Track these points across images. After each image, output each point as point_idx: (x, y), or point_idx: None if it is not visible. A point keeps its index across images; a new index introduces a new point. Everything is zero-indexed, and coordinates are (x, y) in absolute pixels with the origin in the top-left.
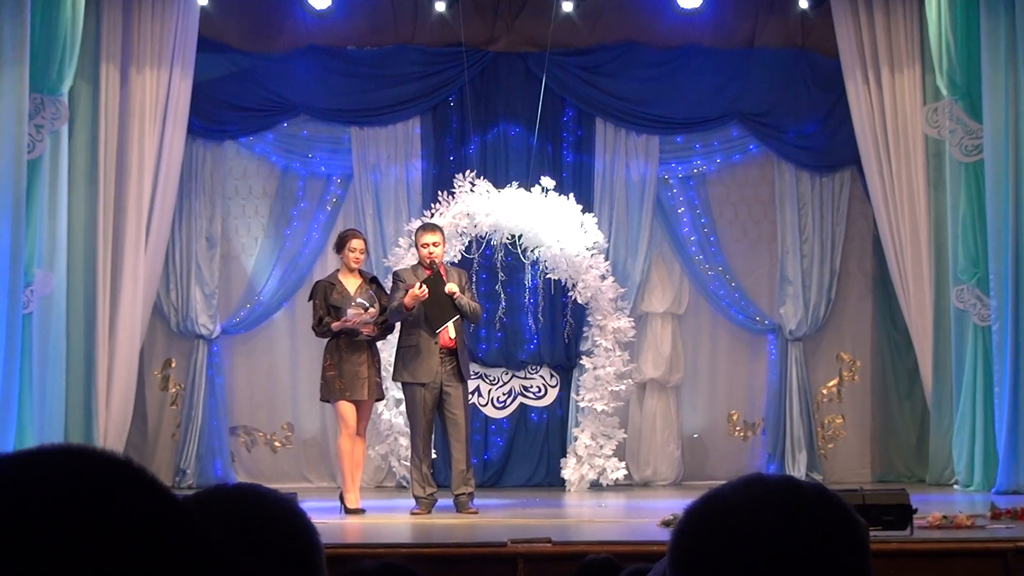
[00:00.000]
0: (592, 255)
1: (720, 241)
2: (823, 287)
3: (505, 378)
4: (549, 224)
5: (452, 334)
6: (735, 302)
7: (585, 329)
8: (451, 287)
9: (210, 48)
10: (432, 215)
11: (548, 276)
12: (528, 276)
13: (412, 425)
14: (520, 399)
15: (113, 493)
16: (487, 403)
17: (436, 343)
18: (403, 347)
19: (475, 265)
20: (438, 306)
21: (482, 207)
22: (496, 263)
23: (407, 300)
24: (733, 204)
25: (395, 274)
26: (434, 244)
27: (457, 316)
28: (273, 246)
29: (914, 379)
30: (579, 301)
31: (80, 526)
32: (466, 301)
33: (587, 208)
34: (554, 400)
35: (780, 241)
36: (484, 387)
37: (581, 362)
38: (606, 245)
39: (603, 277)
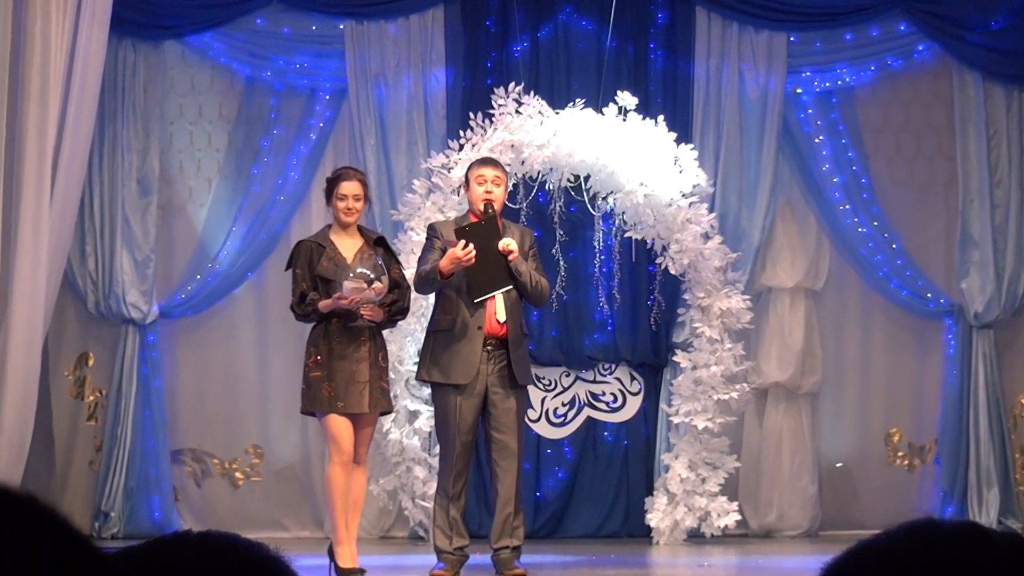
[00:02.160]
0: (691, 204)
1: (875, 184)
2: None
3: (566, 382)
4: (629, 160)
5: (502, 316)
6: (896, 272)
7: (681, 312)
8: (507, 242)
9: None
10: (461, 146)
11: (627, 235)
12: (599, 235)
13: (441, 447)
14: (587, 412)
15: (10, 541)
16: (540, 418)
17: (480, 327)
18: (434, 331)
19: (522, 218)
20: (484, 267)
21: (533, 135)
22: (553, 216)
23: (443, 263)
24: (894, 131)
25: (431, 227)
26: (495, 180)
27: (510, 287)
28: (234, 192)
29: None
30: (672, 271)
31: None
32: (526, 268)
33: (684, 137)
34: (636, 414)
35: (962, 185)
36: (536, 395)
37: (675, 359)
38: (711, 190)
39: (707, 236)
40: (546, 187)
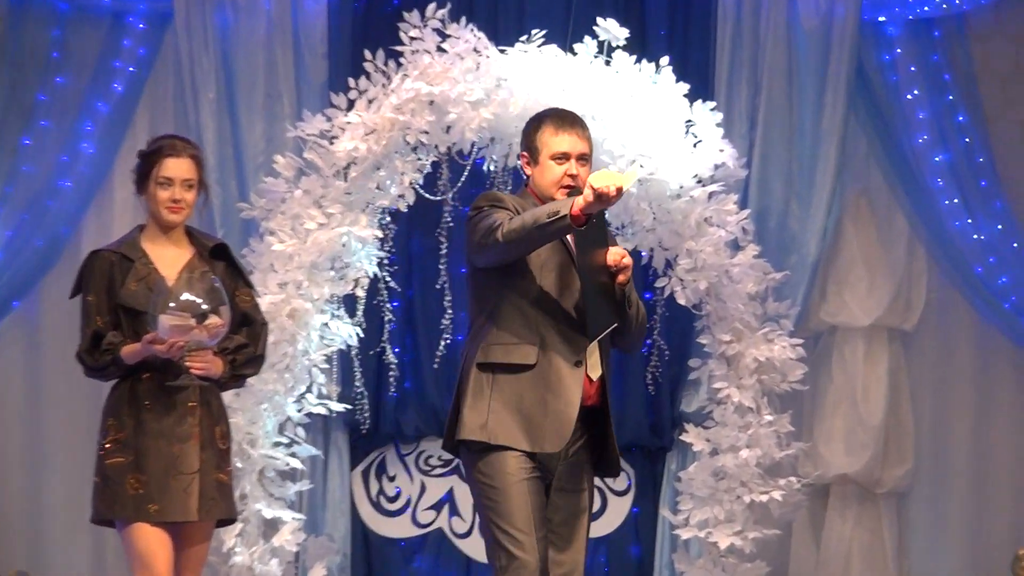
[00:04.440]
0: (712, 196)
1: (1000, 165)
2: None
3: None
4: (615, 125)
5: (596, 368)
6: None
7: (694, 364)
8: (619, 252)
9: None
10: (351, 103)
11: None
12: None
13: (498, 555)
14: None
15: None
16: (471, 530)
17: (579, 363)
18: (491, 364)
19: (445, 215)
20: (599, 289)
21: (465, 86)
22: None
23: (591, 190)
24: None
25: (490, 195)
26: (581, 155)
27: (616, 324)
28: None
29: None
30: (681, 300)
31: None
32: (636, 298)
33: (701, 90)
34: (622, 524)
35: None
36: (466, 493)
37: (684, 438)
38: (743, 173)
39: (736, 246)
40: (484, 167)
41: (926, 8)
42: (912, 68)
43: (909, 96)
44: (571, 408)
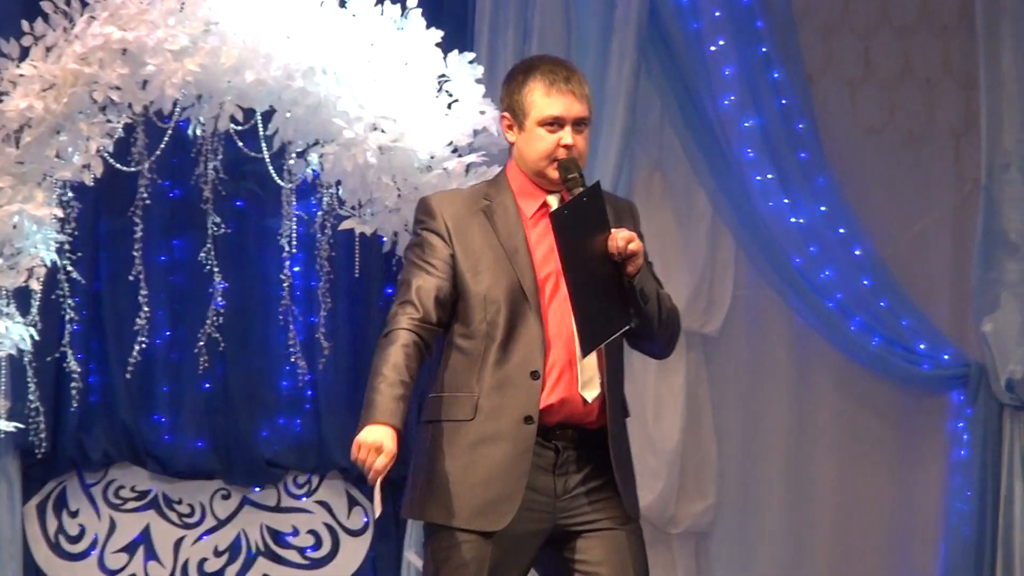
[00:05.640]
0: (471, 169)
1: (825, 134)
2: None
3: (222, 510)
4: (351, 80)
5: (592, 387)
6: (861, 302)
7: None
8: (626, 235)
9: None
10: (25, 51)
11: (346, 226)
12: (291, 227)
13: None
14: (264, 566)
15: None
16: None
17: (528, 417)
18: (433, 421)
19: (143, 195)
20: (593, 286)
21: (165, 32)
22: (202, 189)
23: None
24: (861, 33)
25: (424, 204)
26: (577, 119)
27: (629, 326)
28: None
29: None
30: None
31: None
32: (654, 286)
33: (457, 39)
34: (360, 567)
35: (986, 137)
36: (167, 534)
37: None
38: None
39: None
40: (189, 132)
41: None
42: (717, 13)
43: (713, 47)
44: (515, 481)
